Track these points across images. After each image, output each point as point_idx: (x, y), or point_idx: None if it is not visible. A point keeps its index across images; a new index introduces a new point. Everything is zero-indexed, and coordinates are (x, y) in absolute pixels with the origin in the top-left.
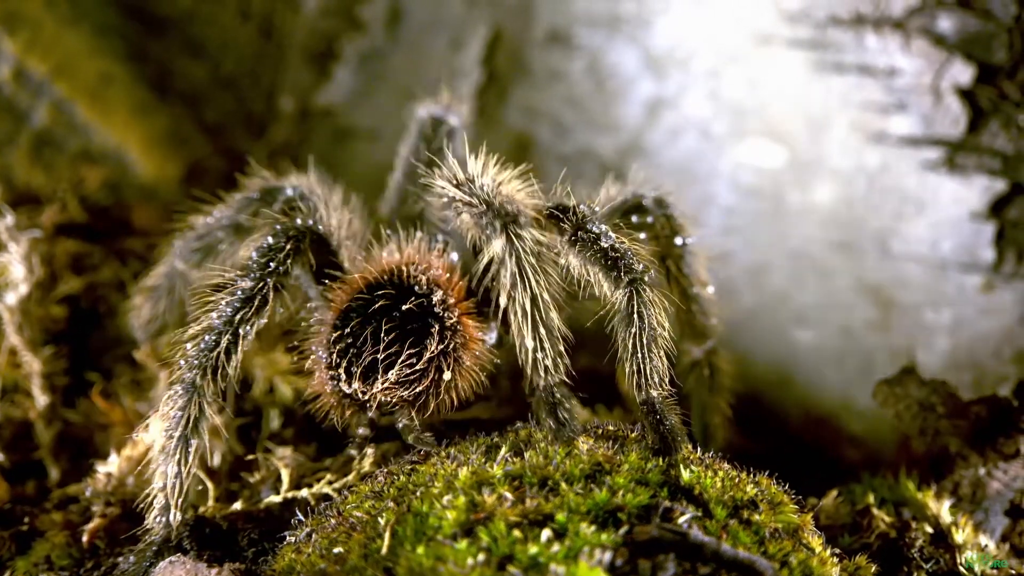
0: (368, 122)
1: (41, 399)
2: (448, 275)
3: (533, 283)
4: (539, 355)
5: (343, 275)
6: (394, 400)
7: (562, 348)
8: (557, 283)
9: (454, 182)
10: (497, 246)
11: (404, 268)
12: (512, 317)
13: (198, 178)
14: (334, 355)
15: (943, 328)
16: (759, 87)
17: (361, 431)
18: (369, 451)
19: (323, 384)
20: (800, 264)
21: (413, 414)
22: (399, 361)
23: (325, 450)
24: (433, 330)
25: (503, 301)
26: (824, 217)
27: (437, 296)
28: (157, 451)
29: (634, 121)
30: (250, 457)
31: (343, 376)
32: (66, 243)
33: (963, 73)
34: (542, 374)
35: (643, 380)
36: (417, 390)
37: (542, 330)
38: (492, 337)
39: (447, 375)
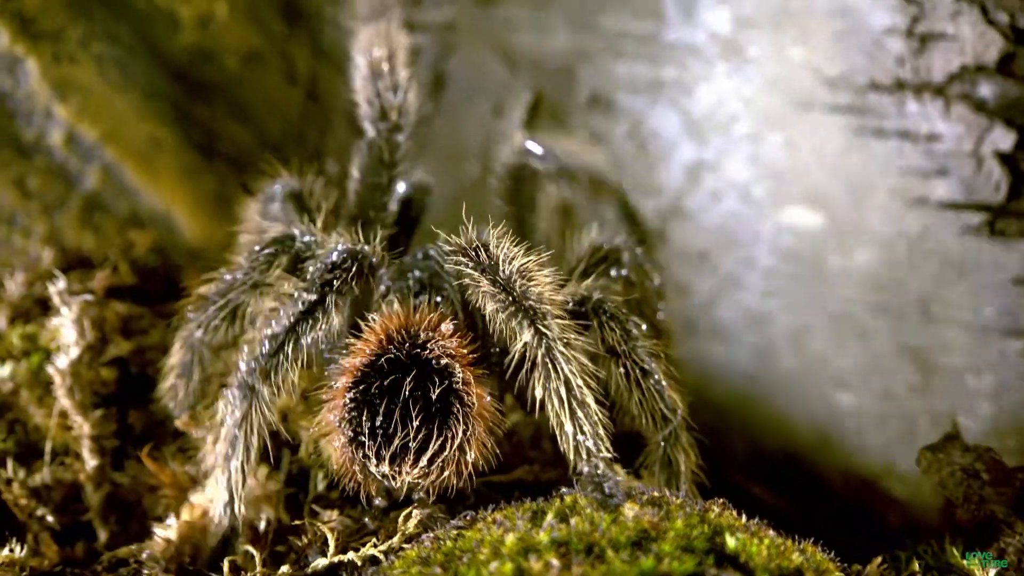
0: None
1: (91, 461)
2: (463, 349)
3: (565, 369)
4: (580, 438)
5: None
6: (423, 483)
7: (602, 431)
8: (590, 366)
9: (474, 261)
10: (526, 336)
11: (420, 335)
12: (549, 405)
13: None
14: (362, 435)
15: (986, 393)
16: (799, 152)
17: (378, 502)
18: (415, 512)
19: (350, 459)
20: (841, 327)
21: (430, 489)
22: (429, 446)
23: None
24: (456, 410)
25: (538, 392)
26: (864, 281)
27: (458, 375)
28: (216, 452)
29: (675, 184)
30: (297, 522)
31: (372, 457)
32: (116, 306)
33: (1004, 139)
34: (584, 456)
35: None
36: (445, 473)
37: (580, 414)
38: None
39: (470, 455)
